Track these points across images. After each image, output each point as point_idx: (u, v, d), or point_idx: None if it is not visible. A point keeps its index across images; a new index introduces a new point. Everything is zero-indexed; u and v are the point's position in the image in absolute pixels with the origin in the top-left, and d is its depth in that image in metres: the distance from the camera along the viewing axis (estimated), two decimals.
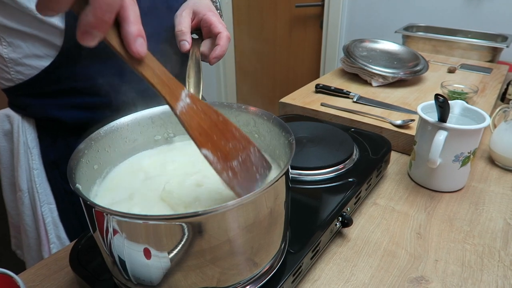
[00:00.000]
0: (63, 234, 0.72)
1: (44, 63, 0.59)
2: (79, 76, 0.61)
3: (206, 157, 0.36)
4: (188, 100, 0.35)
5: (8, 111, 0.68)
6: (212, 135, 0.36)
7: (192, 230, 0.34)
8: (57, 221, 0.71)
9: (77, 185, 0.36)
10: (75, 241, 0.51)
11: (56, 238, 0.72)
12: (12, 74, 0.62)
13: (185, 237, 0.34)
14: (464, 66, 1.20)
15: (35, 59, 0.59)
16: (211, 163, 0.36)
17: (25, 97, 0.65)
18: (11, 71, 0.61)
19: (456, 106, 0.70)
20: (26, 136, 0.67)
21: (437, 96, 0.59)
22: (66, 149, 0.68)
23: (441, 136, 0.62)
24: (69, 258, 0.48)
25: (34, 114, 0.67)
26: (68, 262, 0.48)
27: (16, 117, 0.67)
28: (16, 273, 0.55)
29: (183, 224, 0.33)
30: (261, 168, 0.40)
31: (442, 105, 0.60)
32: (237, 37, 2.52)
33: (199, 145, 0.35)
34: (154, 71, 0.34)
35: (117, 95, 0.60)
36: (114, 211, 0.33)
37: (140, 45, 0.32)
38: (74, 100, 0.64)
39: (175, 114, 0.35)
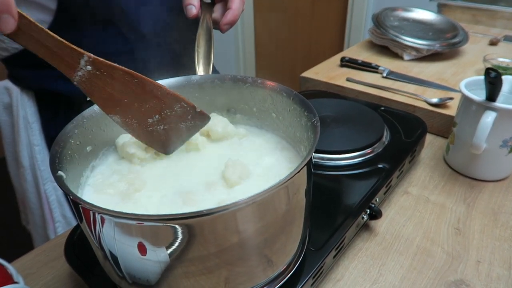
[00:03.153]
0: (69, 213, 0.68)
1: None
2: (75, 44, 0.56)
3: (114, 120, 0.37)
4: (89, 67, 0.32)
5: (7, 83, 0.64)
6: (122, 98, 0.35)
7: (195, 232, 0.28)
8: (61, 199, 0.67)
9: (59, 172, 0.31)
10: (71, 228, 0.47)
11: (61, 217, 0.69)
12: (6, 43, 0.57)
13: (188, 240, 0.28)
14: (508, 38, 1.08)
15: None
16: (120, 125, 0.37)
17: (22, 68, 0.60)
18: (5, 39, 0.56)
19: (505, 82, 0.61)
20: (26, 110, 0.63)
21: (488, 70, 0.51)
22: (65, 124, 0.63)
23: (488, 117, 0.53)
24: (64, 249, 0.44)
25: (31, 86, 0.62)
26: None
27: (15, 90, 0.63)
28: (24, 249, 0.52)
29: (185, 226, 0.27)
30: (190, 120, 0.40)
31: (494, 81, 0.51)
32: (256, 7, 2.40)
33: (105, 111, 0.36)
34: (39, 41, 0.30)
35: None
36: (102, 209, 0.27)
37: (3, 22, 0.28)
38: None
39: (74, 83, 0.33)
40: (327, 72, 0.88)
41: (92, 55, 0.32)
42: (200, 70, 0.48)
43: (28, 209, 0.72)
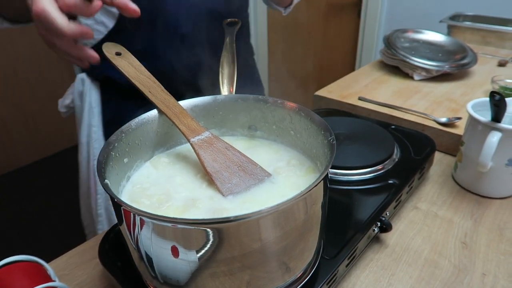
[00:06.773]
0: None
1: (108, 27, 0.64)
2: (128, 44, 0.64)
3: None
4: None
5: (83, 75, 0.76)
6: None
7: (222, 236, 0.32)
8: None
9: (106, 181, 0.35)
10: (106, 230, 0.51)
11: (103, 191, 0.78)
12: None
13: (215, 243, 0.32)
14: None
15: (102, 25, 0.65)
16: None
17: None
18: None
19: (510, 104, 0.64)
20: (92, 96, 0.74)
21: (492, 94, 0.54)
22: (118, 111, 0.74)
23: (494, 137, 0.56)
24: (98, 250, 0.47)
25: (98, 75, 0.73)
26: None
27: (87, 80, 0.75)
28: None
29: (214, 230, 0.31)
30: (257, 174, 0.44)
31: (498, 104, 0.54)
32: (270, 26, 2.47)
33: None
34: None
35: (169, 61, 0.64)
36: (142, 211, 0.31)
37: None
38: None
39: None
40: (340, 91, 0.92)
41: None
42: (224, 90, 0.52)
43: (92, 198, 0.80)
